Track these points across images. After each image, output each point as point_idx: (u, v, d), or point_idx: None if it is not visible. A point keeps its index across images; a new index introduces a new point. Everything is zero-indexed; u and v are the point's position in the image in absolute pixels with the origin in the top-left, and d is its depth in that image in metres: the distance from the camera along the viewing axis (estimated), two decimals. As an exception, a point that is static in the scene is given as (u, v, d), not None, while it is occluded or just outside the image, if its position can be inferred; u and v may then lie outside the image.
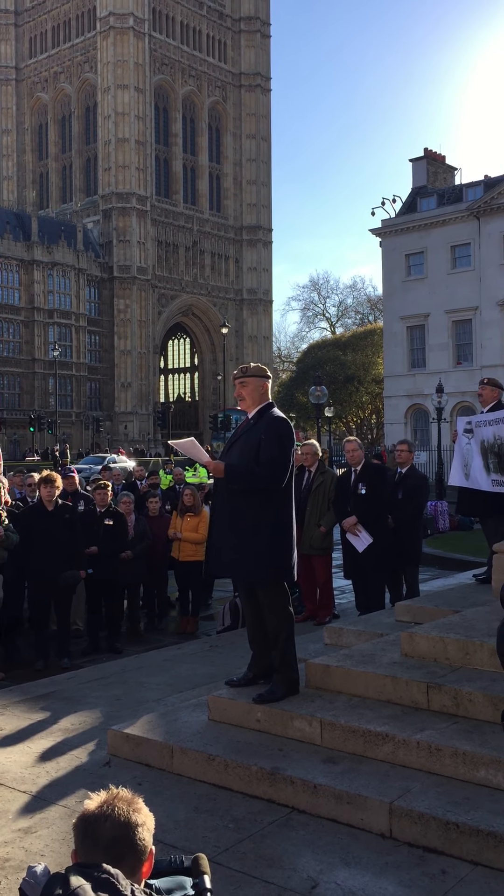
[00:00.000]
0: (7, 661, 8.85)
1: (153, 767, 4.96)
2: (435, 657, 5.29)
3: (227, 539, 5.22)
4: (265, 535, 5.09)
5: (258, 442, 5.13)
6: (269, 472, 5.06)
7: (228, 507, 5.22)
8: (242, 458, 5.15)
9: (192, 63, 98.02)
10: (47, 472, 9.45)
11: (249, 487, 5.09)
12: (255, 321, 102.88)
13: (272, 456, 5.07)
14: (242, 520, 5.12)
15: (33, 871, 1.82)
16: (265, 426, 5.20)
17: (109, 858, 1.74)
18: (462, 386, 42.17)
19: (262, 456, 5.08)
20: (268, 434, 5.14)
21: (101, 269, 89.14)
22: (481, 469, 7.27)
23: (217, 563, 5.54)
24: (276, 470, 5.08)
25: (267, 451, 5.08)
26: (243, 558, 5.13)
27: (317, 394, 35.95)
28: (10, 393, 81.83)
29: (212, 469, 5.21)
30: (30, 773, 5.09)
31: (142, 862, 1.81)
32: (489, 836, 3.67)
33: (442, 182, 51.76)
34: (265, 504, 5.12)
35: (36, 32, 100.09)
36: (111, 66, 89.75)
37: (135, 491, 12.45)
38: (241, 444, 5.25)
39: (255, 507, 5.11)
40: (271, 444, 5.10)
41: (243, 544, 5.10)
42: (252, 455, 5.12)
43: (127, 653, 9.05)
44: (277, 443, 5.12)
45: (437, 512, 20.56)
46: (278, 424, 5.22)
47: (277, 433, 5.16)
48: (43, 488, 8.85)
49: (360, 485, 8.73)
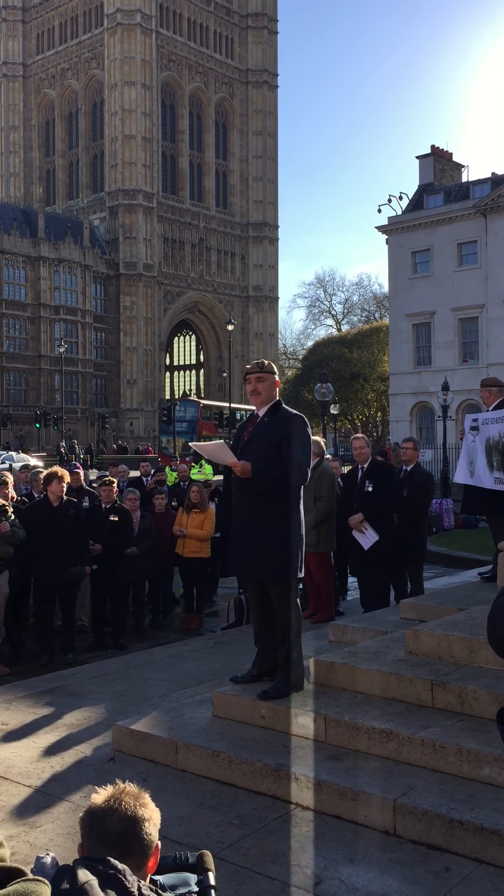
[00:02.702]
0: (12, 656, 8.87)
1: (158, 763, 4.97)
2: (440, 655, 5.29)
3: (248, 538, 5.19)
4: (286, 535, 5.11)
5: (278, 440, 5.13)
6: (298, 473, 5.08)
7: (251, 507, 5.19)
8: (260, 456, 5.13)
9: (199, 59, 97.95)
10: (55, 468, 9.44)
11: (278, 487, 5.09)
12: (261, 318, 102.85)
13: (299, 455, 5.09)
14: (265, 519, 5.12)
15: (42, 863, 1.82)
16: (287, 425, 5.19)
17: (116, 852, 1.74)
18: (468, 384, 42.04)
19: (291, 456, 5.07)
20: (293, 434, 5.14)
21: (107, 266, 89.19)
22: (485, 466, 7.27)
23: (237, 563, 5.48)
24: (303, 469, 5.13)
25: (295, 451, 5.09)
26: (264, 557, 5.13)
27: (322, 391, 35.93)
28: (17, 389, 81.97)
29: (239, 471, 5.13)
30: (34, 768, 5.10)
31: (148, 856, 1.82)
32: (493, 833, 3.67)
33: (449, 179, 51.59)
34: (286, 503, 5.13)
35: (43, 29, 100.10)
36: (118, 62, 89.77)
37: (140, 487, 12.45)
38: (258, 443, 5.23)
39: (277, 507, 5.12)
40: (299, 444, 5.12)
41: (266, 543, 5.11)
42: (272, 453, 5.11)
43: (131, 649, 9.07)
44: (303, 443, 5.15)
45: (442, 510, 20.55)
46: (301, 424, 5.23)
47: (300, 433, 5.18)
48: (54, 484, 8.82)
49: (367, 482, 8.71)
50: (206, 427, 49.93)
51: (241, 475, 5.15)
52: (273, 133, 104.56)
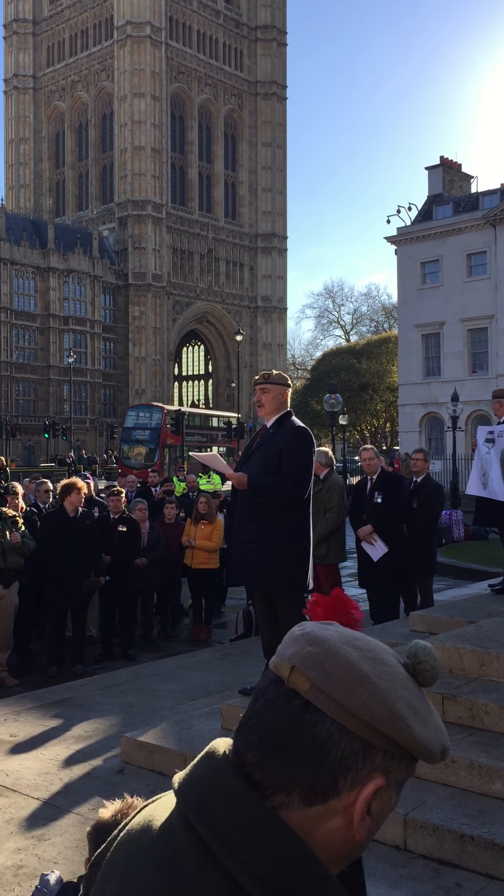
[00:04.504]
0: (20, 667, 8.86)
1: (166, 776, 4.94)
2: (450, 668, 5.26)
3: (247, 549, 5.18)
4: (285, 546, 5.06)
5: (279, 452, 5.08)
6: (293, 485, 5.02)
7: (249, 518, 5.18)
8: (262, 468, 5.10)
9: (209, 71, 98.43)
10: (74, 479, 9.40)
11: (273, 500, 5.06)
12: (270, 329, 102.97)
13: (296, 468, 5.03)
14: (263, 530, 5.09)
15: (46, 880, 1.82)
16: (287, 436, 5.15)
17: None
18: (477, 395, 41.99)
19: (286, 468, 5.03)
20: (291, 445, 5.09)
21: (116, 277, 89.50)
22: (499, 479, 7.24)
23: (238, 572, 5.48)
24: (301, 482, 5.05)
25: (291, 463, 5.03)
26: (264, 568, 5.11)
27: (331, 402, 35.92)
28: (25, 399, 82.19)
29: (235, 482, 5.13)
30: (43, 780, 5.09)
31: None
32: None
33: (458, 190, 51.65)
34: (286, 515, 5.09)
35: (54, 41, 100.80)
36: (128, 74, 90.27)
37: (149, 498, 12.46)
38: (261, 454, 5.19)
39: (276, 518, 5.08)
40: (295, 455, 5.06)
41: (264, 554, 5.08)
42: (272, 465, 5.07)
43: (140, 660, 9.05)
44: (301, 455, 5.08)
45: (451, 521, 20.46)
46: (302, 435, 5.16)
47: (301, 445, 5.11)
48: (73, 495, 8.77)
49: (377, 493, 8.68)
50: (172, 435, 44.85)
51: (238, 486, 5.15)
52: (282, 144, 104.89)
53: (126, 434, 48.07)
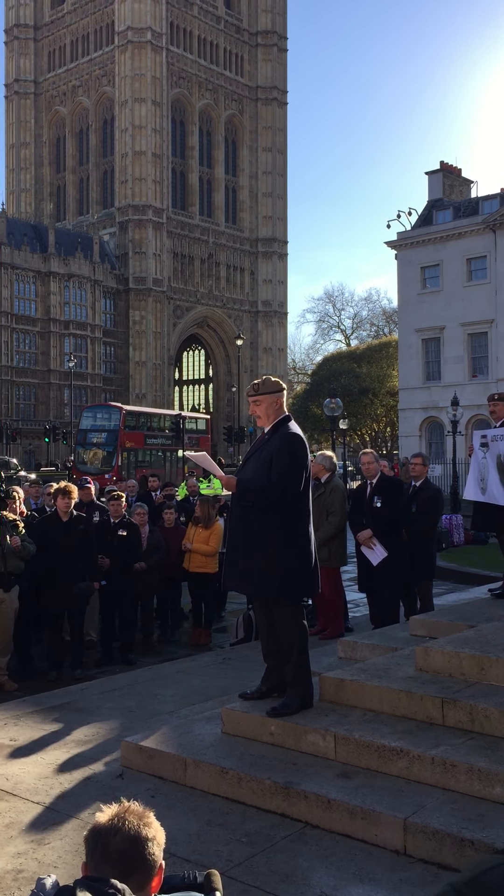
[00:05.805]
0: (20, 671, 8.85)
1: (166, 780, 4.94)
2: (450, 672, 5.26)
3: (239, 554, 5.21)
4: (276, 552, 5.06)
5: (270, 457, 5.12)
6: (279, 489, 5.03)
7: (241, 522, 5.21)
8: (256, 473, 5.14)
9: (209, 77, 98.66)
10: (64, 483, 9.46)
11: (261, 504, 5.08)
12: (270, 333, 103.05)
13: (282, 472, 5.06)
14: (254, 535, 5.10)
15: (42, 884, 1.82)
16: (278, 441, 5.19)
17: (118, 872, 1.73)
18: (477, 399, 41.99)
19: (274, 472, 5.06)
20: (280, 450, 5.12)
21: (116, 281, 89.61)
22: (498, 484, 7.22)
23: (230, 578, 5.50)
24: (287, 486, 5.06)
25: (278, 467, 5.07)
26: (254, 574, 5.12)
27: (331, 406, 35.92)
28: (26, 403, 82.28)
29: (224, 484, 5.21)
30: (43, 785, 5.08)
31: (151, 877, 1.80)
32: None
33: (458, 195, 51.75)
34: (277, 520, 5.10)
35: (55, 47, 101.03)
36: (129, 79, 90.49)
37: (149, 502, 12.46)
38: (256, 460, 5.24)
39: (268, 523, 5.09)
40: (282, 460, 5.09)
41: (254, 560, 5.09)
42: (265, 470, 5.10)
43: (140, 664, 9.04)
44: (288, 459, 5.09)
45: (451, 525, 20.46)
46: (291, 441, 5.18)
47: (289, 450, 5.14)
48: (60, 499, 8.87)
49: (376, 498, 8.68)
50: (132, 437, 42.76)
51: (227, 489, 5.24)
52: (282, 149, 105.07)
53: (81, 436, 44.77)
